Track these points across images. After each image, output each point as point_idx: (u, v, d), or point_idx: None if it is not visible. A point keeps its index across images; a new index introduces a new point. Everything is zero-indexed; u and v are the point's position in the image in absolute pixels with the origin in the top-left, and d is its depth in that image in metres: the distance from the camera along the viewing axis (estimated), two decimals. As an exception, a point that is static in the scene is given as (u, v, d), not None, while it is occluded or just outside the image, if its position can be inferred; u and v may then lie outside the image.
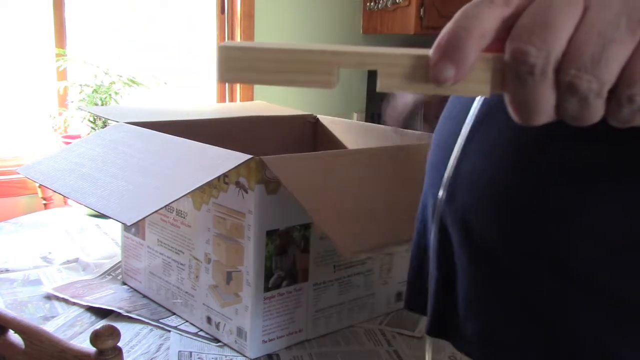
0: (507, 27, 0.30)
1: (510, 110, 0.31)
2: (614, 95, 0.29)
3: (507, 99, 0.31)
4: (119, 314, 0.95)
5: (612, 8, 0.29)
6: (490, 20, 0.30)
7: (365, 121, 2.90)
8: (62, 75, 2.27)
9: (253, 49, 0.33)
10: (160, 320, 0.94)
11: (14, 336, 0.72)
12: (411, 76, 0.31)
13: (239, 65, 0.33)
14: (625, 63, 0.29)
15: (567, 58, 0.29)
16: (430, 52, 0.31)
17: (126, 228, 1.06)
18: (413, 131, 0.98)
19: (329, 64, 0.32)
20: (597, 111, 0.30)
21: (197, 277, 0.91)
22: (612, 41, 0.28)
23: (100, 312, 0.95)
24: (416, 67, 0.31)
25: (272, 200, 0.81)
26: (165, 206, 0.78)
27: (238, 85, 2.77)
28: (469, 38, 0.30)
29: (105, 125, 1.75)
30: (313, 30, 2.90)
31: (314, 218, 0.74)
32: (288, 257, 0.85)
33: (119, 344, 0.66)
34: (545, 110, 0.30)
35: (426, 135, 1.02)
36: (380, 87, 0.32)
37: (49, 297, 1.00)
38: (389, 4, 2.87)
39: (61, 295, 0.99)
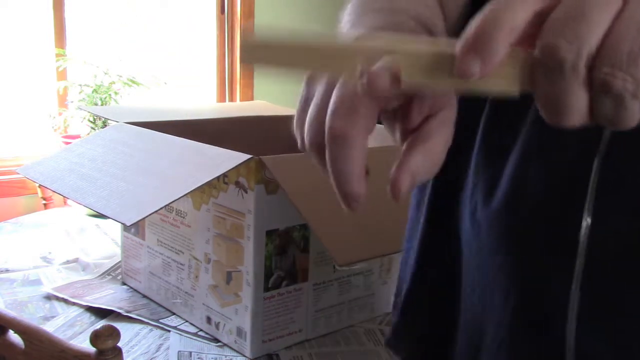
0: (541, 23, 0.28)
1: (541, 110, 0.29)
2: None
3: (536, 98, 0.29)
4: (119, 314, 0.95)
5: None
6: (522, 14, 0.28)
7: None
8: (62, 75, 2.27)
9: (277, 35, 0.32)
10: (160, 320, 0.94)
11: (14, 336, 0.72)
12: (436, 70, 0.30)
13: (260, 51, 0.32)
14: None
15: (602, 54, 0.27)
16: (457, 44, 0.29)
17: (126, 228, 1.06)
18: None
19: (352, 56, 0.31)
20: (634, 114, 0.28)
21: (196, 277, 0.91)
22: None
23: (100, 312, 0.95)
24: (441, 61, 0.30)
25: (272, 200, 0.81)
26: (165, 206, 0.78)
27: (238, 85, 2.77)
28: (498, 31, 0.28)
29: (105, 125, 1.75)
30: (313, 31, 2.89)
31: (311, 225, 0.74)
32: (288, 257, 0.85)
33: (119, 344, 0.66)
34: (577, 111, 0.28)
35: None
36: (404, 82, 0.30)
37: (48, 297, 1.00)
38: (389, 4, 2.87)
39: (61, 295, 0.99)
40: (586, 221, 0.42)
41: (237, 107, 1.82)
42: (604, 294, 0.42)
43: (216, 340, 0.89)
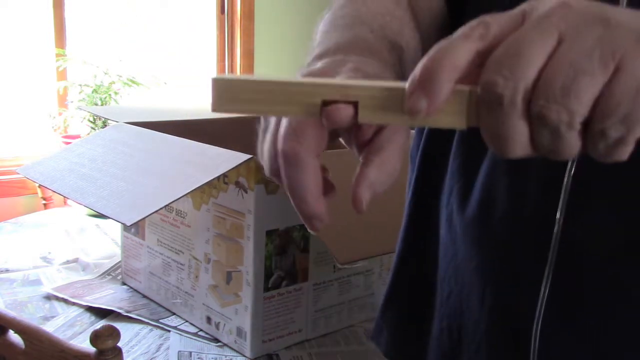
0: (484, 61, 0.30)
1: (487, 143, 0.31)
2: (589, 129, 0.29)
3: (482, 132, 0.31)
4: (119, 314, 0.95)
5: (587, 41, 0.28)
6: (463, 54, 0.30)
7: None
8: (62, 75, 2.27)
9: (243, 81, 0.35)
10: (160, 320, 0.94)
11: (14, 336, 0.72)
12: (389, 108, 0.32)
13: (230, 97, 0.35)
14: (597, 96, 0.28)
15: (538, 88, 0.29)
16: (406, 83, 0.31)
17: (126, 228, 1.06)
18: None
19: (313, 96, 0.33)
20: (571, 144, 0.29)
21: (196, 277, 0.91)
22: (583, 72, 0.28)
23: (100, 312, 0.95)
24: (393, 99, 0.32)
25: (272, 200, 0.81)
26: (165, 206, 0.78)
27: (238, 85, 2.77)
28: (441, 71, 0.30)
29: (105, 125, 1.75)
30: (313, 31, 2.89)
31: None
32: (288, 257, 0.85)
33: (119, 344, 0.66)
34: (519, 143, 0.30)
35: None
36: (360, 118, 0.33)
37: (48, 297, 1.00)
38: (388, 4, 2.86)
39: (61, 295, 0.99)
40: (558, 224, 0.44)
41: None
42: (573, 292, 0.44)
43: (216, 340, 0.89)
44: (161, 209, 0.76)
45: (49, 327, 0.89)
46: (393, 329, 0.62)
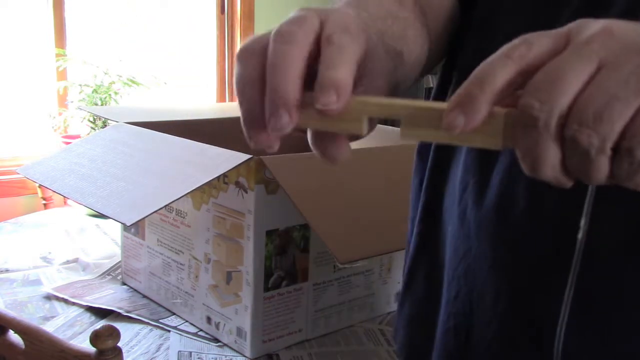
0: (526, 80, 0.31)
1: (521, 163, 0.32)
2: (617, 151, 0.30)
3: (517, 153, 0.32)
4: (119, 314, 0.95)
5: (625, 69, 0.29)
6: (503, 76, 0.32)
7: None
8: (61, 75, 2.27)
9: None
10: (160, 320, 0.94)
11: (14, 336, 0.72)
12: (429, 125, 0.34)
13: None
14: (628, 121, 0.29)
15: (572, 113, 0.30)
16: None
17: (126, 228, 1.06)
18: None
19: (358, 112, 0.35)
20: (601, 168, 0.30)
21: (196, 277, 0.91)
22: (616, 99, 0.29)
23: (100, 312, 0.95)
24: (434, 118, 0.33)
25: (272, 200, 0.81)
26: (165, 206, 0.78)
27: (238, 85, 2.76)
28: (480, 93, 0.32)
29: (105, 125, 1.74)
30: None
31: (312, 224, 0.74)
32: (288, 257, 0.85)
33: (119, 344, 0.66)
34: (550, 164, 0.31)
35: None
36: (402, 135, 0.35)
37: (48, 297, 1.00)
38: (388, 4, 2.86)
39: (61, 295, 0.99)
40: (584, 223, 0.43)
41: (237, 107, 1.82)
42: (596, 294, 0.44)
43: (216, 340, 0.89)
44: (161, 209, 0.76)
45: (49, 327, 0.89)
46: (406, 326, 0.62)
